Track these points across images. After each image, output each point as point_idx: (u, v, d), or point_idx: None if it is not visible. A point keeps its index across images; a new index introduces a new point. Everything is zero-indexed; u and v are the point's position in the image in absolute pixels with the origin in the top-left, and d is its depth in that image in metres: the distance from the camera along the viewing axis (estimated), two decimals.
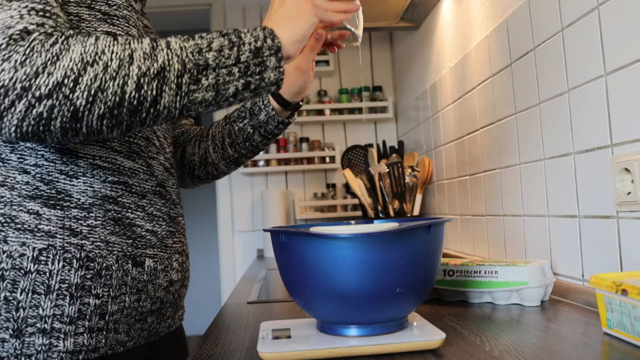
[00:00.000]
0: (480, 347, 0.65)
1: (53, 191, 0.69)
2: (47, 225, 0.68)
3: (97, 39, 0.61)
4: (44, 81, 0.56)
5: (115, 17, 0.74)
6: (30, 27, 0.59)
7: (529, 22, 1.10)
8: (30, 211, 0.67)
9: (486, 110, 1.37)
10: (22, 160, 0.69)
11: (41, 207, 0.68)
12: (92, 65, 0.58)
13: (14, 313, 0.65)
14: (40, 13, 0.61)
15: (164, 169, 0.83)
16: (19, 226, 0.67)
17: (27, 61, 0.56)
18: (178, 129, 1.07)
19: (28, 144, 0.69)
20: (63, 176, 0.70)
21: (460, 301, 0.96)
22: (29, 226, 0.67)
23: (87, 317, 0.69)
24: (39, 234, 0.67)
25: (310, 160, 2.61)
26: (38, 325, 0.66)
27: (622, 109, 0.81)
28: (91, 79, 0.58)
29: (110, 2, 0.74)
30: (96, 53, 0.59)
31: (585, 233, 0.93)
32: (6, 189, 0.68)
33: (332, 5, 0.76)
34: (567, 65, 0.96)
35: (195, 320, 3.97)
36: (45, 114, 0.57)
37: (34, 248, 0.66)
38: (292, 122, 0.98)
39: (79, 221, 0.70)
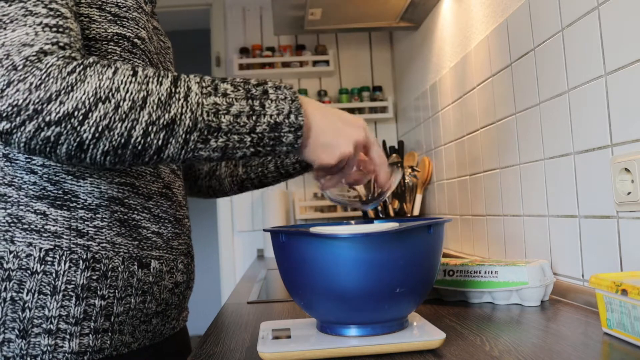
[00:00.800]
0: (480, 347, 0.65)
1: (60, 192, 0.69)
2: (53, 226, 0.68)
3: (115, 72, 0.60)
4: (55, 108, 0.57)
5: (125, 19, 0.74)
6: (46, 47, 0.59)
7: (529, 22, 1.10)
8: (37, 211, 0.67)
9: (486, 110, 1.37)
10: (29, 160, 0.69)
11: (48, 208, 0.68)
12: (104, 102, 0.58)
13: (20, 313, 0.65)
14: (54, 29, 0.61)
15: (170, 171, 0.83)
16: (25, 226, 0.67)
17: (42, 85, 0.56)
18: None
19: None
20: (70, 177, 0.70)
21: (460, 301, 0.96)
22: (36, 226, 0.67)
23: (93, 318, 0.68)
24: (45, 235, 0.67)
25: None
26: (44, 325, 0.66)
27: (622, 109, 0.81)
28: (101, 116, 0.58)
29: (120, 3, 0.74)
30: (110, 89, 0.59)
31: (585, 233, 0.93)
32: (13, 189, 0.68)
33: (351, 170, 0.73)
34: (567, 65, 0.96)
35: (196, 320, 3.96)
36: (52, 139, 0.58)
37: (40, 248, 0.66)
38: (308, 172, 0.92)
39: (85, 222, 0.70)
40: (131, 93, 0.59)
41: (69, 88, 0.57)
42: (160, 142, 0.61)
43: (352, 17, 2.03)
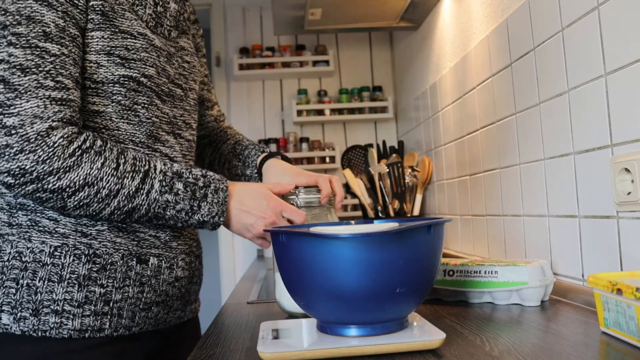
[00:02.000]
0: (480, 347, 0.65)
1: None
2: (63, 229, 0.81)
3: (103, 163, 0.77)
4: (53, 181, 0.74)
5: (132, 61, 0.84)
6: (54, 124, 0.74)
7: (529, 22, 1.10)
8: (50, 218, 0.81)
9: (486, 110, 1.37)
10: None
11: (58, 215, 0.81)
12: (89, 187, 0.76)
13: (33, 296, 0.78)
14: (60, 102, 0.75)
15: None
16: (41, 228, 0.80)
17: (48, 161, 0.73)
18: (203, 130, 1.16)
19: None
20: None
21: (460, 301, 0.96)
22: (49, 229, 0.81)
23: (93, 302, 0.81)
24: (56, 235, 0.81)
25: (310, 160, 2.61)
26: (52, 307, 0.79)
27: (622, 109, 0.81)
28: (84, 196, 0.76)
29: (129, 46, 0.83)
30: (96, 177, 0.76)
31: (585, 233, 0.93)
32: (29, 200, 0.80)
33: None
34: (567, 65, 0.96)
35: None
36: (44, 198, 0.75)
37: (50, 245, 0.80)
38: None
39: (89, 227, 0.82)
40: (110, 184, 0.77)
41: (67, 169, 0.74)
42: (118, 219, 0.81)
43: (352, 17, 2.03)
